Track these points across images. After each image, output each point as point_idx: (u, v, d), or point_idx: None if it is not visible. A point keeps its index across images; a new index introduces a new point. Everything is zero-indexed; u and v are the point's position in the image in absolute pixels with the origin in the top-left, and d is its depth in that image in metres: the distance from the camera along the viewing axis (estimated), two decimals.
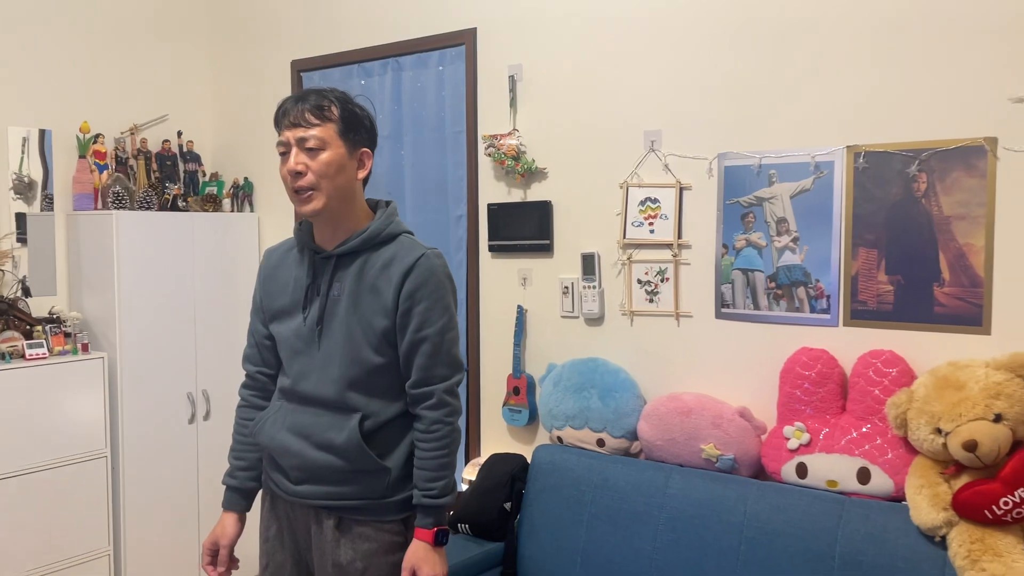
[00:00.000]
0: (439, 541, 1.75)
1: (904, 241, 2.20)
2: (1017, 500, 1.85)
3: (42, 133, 3.28)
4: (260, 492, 1.95)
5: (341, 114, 1.75)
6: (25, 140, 3.25)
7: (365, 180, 1.82)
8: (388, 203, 1.87)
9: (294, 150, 1.73)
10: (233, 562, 1.92)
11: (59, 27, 3.37)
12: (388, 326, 1.75)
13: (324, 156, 1.72)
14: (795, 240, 2.36)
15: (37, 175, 3.29)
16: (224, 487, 1.94)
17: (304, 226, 1.87)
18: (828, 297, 2.31)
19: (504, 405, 2.94)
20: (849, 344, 2.27)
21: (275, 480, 1.86)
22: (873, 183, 2.24)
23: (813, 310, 2.34)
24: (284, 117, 1.75)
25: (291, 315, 1.84)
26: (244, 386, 1.97)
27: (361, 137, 1.79)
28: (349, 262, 1.79)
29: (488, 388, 3.02)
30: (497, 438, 3.00)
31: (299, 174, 1.72)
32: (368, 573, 1.76)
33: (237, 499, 1.93)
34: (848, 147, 2.27)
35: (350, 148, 1.77)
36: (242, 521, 1.93)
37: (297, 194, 1.74)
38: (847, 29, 2.27)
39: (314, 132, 1.72)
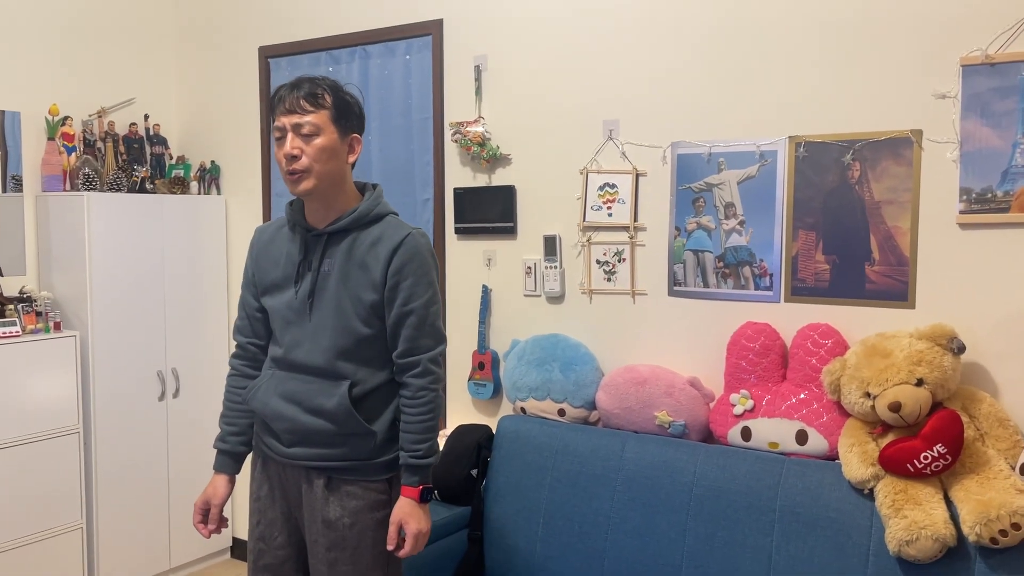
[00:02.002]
0: (424, 498, 1.91)
1: (839, 224, 2.40)
2: (935, 455, 2.07)
3: (2, 115, 3.31)
4: (251, 456, 2.08)
5: (334, 101, 1.88)
6: None
7: (354, 163, 1.96)
8: (375, 186, 2.01)
9: (290, 135, 1.85)
10: (222, 521, 2.05)
11: (29, 10, 3.40)
12: (376, 300, 1.89)
13: (318, 141, 1.85)
14: (741, 223, 2.55)
15: None
16: (215, 451, 2.06)
17: (296, 205, 1.99)
18: (771, 276, 2.51)
19: (469, 380, 3.10)
20: (789, 318, 2.48)
21: (267, 443, 1.99)
22: (812, 171, 2.44)
23: (757, 287, 2.54)
24: (280, 103, 1.87)
25: (283, 289, 1.96)
26: (235, 356, 2.10)
27: (352, 123, 1.93)
28: (339, 240, 1.93)
29: (454, 364, 3.17)
30: (463, 410, 3.15)
31: (294, 158, 1.85)
32: (355, 528, 1.90)
33: (228, 462, 2.06)
34: (790, 137, 2.47)
35: (342, 134, 1.90)
36: (232, 483, 2.06)
37: (291, 175, 1.87)
38: (790, 29, 2.47)
39: (309, 119, 1.84)
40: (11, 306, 3.15)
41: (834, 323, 2.40)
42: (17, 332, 3.10)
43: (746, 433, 2.44)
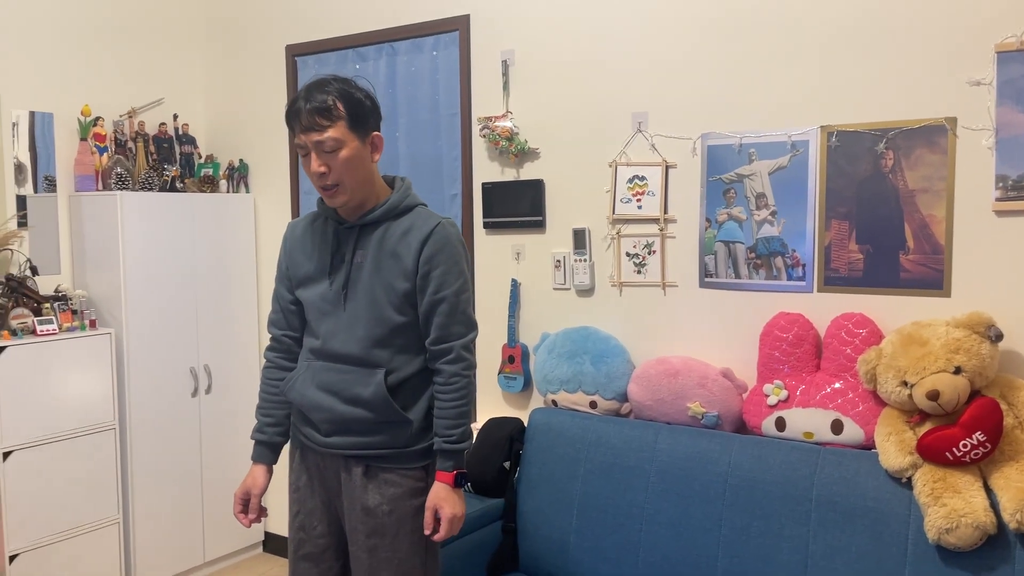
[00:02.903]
0: (458, 483, 1.93)
1: (873, 213, 2.40)
2: (975, 443, 2.06)
3: (32, 116, 3.36)
4: (288, 447, 2.11)
5: (347, 108, 1.87)
6: (15, 125, 3.33)
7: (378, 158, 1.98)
8: (403, 179, 2.03)
9: (313, 153, 1.87)
10: (262, 511, 2.08)
11: (60, 13, 3.44)
12: (409, 288, 1.92)
13: (342, 155, 1.87)
14: (773, 214, 2.55)
15: (26, 158, 3.35)
16: (253, 442, 2.09)
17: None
18: (803, 266, 2.51)
19: (499, 373, 3.11)
20: (823, 308, 2.47)
21: (305, 433, 2.02)
22: (844, 160, 2.43)
23: (790, 278, 2.53)
24: (296, 121, 1.88)
25: (317, 281, 1.99)
26: (269, 348, 2.13)
27: (369, 124, 1.94)
28: (371, 231, 1.95)
29: (484, 357, 3.17)
30: (493, 404, 3.17)
31: (323, 175, 1.87)
32: (393, 515, 1.93)
33: (266, 452, 2.09)
34: (822, 127, 2.46)
35: (362, 138, 1.91)
36: (270, 473, 2.09)
37: (325, 190, 1.90)
38: (822, 17, 2.46)
39: (328, 134, 1.85)
40: (47, 305, 3.20)
41: (868, 312, 2.39)
42: (54, 330, 3.15)
43: (780, 423, 2.44)
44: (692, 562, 2.39)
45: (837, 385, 2.38)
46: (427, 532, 1.93)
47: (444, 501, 1.91)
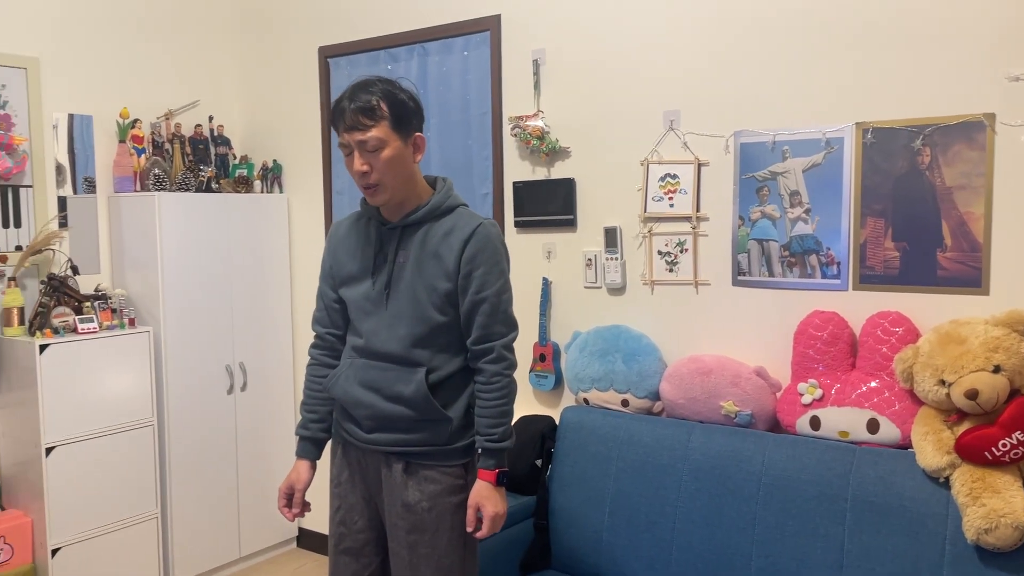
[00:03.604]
0: (500, 481, 1.95)
1: (909, 210, 2.37)
2: (1014, 442, 2.04)
3: (72, 119, 3.43)
4: (330, 443, 2.14)
5: (390, 108, 1.90)
6: (55, 127, 3.39)
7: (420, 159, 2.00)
8: (445, 179, 2.05)
9: (356, 152, 1.90)
10: (305, 505, 2.11)
11: (98, 18, 3.51)
12: (450, 288, 1.94)
13: (385, 154, 1.89)
14: (807, 211, 2.54)
15: (65, 160, 3.42)
16: (297, 437, 2.13)
17: None
18: (838, 264, 2.49)
19: (531, 371, 3.12)
20: (858, 306, 2.45)
21: (347, 429, 2.05)
22: (880, 157, 2.41)
23: (824, 276, 2.52)
24: (340, 120, 1.90)
25: (360, 280, 2.02)
26: (314, 346, 2.16)
27: (412, 124, 1.96)
28: (413, 232, 1.98)
29: (515, 355, 3.19)
30: (524, 402, 3.18)
31: (365, 174, 1.90)
32: (433, 512, 1.95)
33: (310, 448, 2.12)
34: (857, 124, 2.45)
35: (404, 138, 1.93)
36: (314, 468, 2.13)
37: (367, 189, 1.93)
38: (857, 12, 2.44)
39: (371, 134, 1.87)
40: (88, 303, 3.27)
41: (904, 311, 2.37)
42: (94, 328, 3.21)
43: (815, 422, 2.43)
44: (726, 561, 2.38)
45: (873, 384, 2.36)
46: (469, 530, 1.95)
47: (486, 500, 1.93)
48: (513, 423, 2.90)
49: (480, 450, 1.96)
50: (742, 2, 2.63)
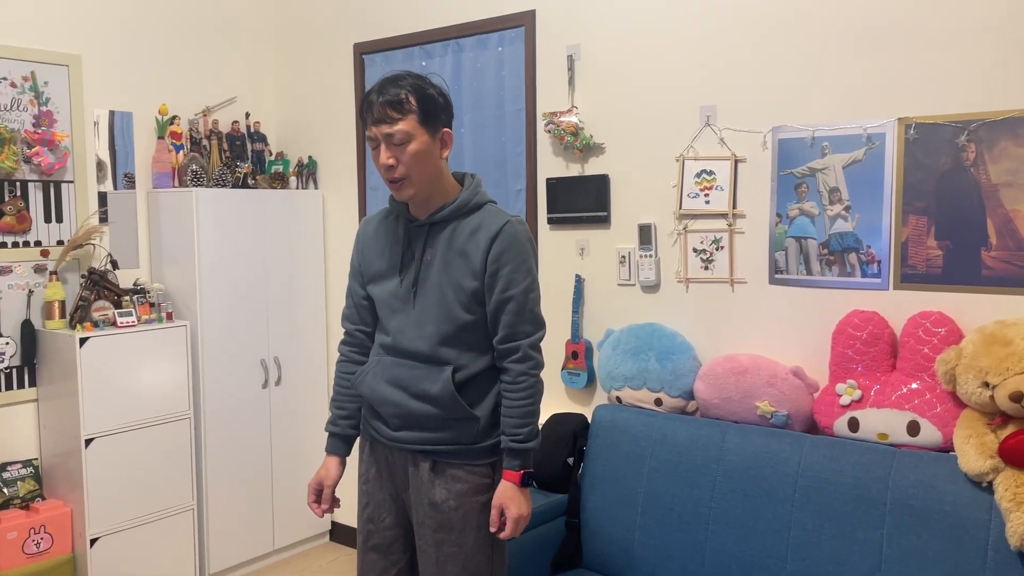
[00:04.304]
0: (525, 482, 1.93)
1: (953, 208, 2.31)
2: None
3: (112, 115, 3.48)
4: (359, 439, 2.14)
5: (419, 103, 1.89)
6: (96, 123, 3.45)
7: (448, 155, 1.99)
8: (473, 175, 2.04)
9: (383, 145, 1.89)
10: (335, 501, 2.12)
11: (140, 17, 3.56)
12: (477, 287, 1.92)
13: (411, 148, 1.88)
14: (847, 209, 2.48)
15: (106, 156, 3.47)
16: (327, 434, 2.14)
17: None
18: (879, 262, 2.44)
19: (563, 369, 3.11)
20: (899, 306, 2.40)
21: (375, 427, 2.05)
22: (923, 153, 2.35)
23: (864, 275, 2.47)
24: (368, 113, 1.90)
25: (388, 278, 2.02)
26: (343, 343, 2.16)
27: (440, 119, 1.94)
28: (440, 229, 1.97)
29: (547, 353, 3.15)
30: (556, 399, 3.16)
31: (391, 167, 1.89)
32: (460, 511, 1.94)
33: (339, 444, 2.13)
34: (899, 119, 2.39)
35: (432, 133, 1.92)
36: (343, 464, 2.13)
37: (392, 183, 1.92)
38: (900, 4, 2.38)
39: (398, 127, 1.87)
40: (127, 297, 3.32)
41: (947, 311, 2.31)
42: (133, 322, 3.26)
43: (853, 424, 2.38)
44: (760, 564, 2.35)
45: (914, 385, 2.31)
46: (492, 530, 1.94)
47: (510, 500, 1.92)
48: (544, 421, 2.93)
49: (505, 450, 1.94)
50: None
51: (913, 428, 2.28)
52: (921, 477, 2.17)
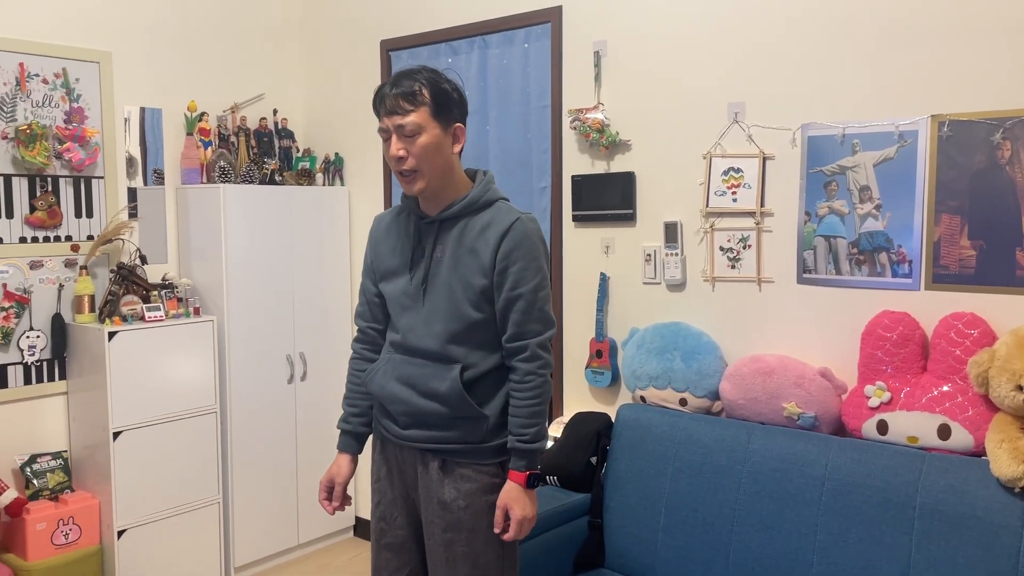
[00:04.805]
0: (531, 484, 1.91)
1: (987, 207, 2.26)
2: None
3: (143, 112, 3.51)
4: (371, 438, 2.14)
5: (432, 96, 1.88)
6: (127, 120, 3.49)
7: (460, 151, 1.98)
8: (485, 172, 2.03)
9: (394, 136, 1.89)
10: (346, 499, 2.12)
11: (169, 15, 3.59)
12: (486, 284, 1.91)
13: (421, 140, 1.87)
14: (878, 207, 2.44)
15: (137, 152, 3.51)
16: (339, 431, 2.14)
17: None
18: (910, 262, 2.39)
19: (587, 367, 3.09)
20: (930, 307, 2.35)
21: (385, 425, 2.04)
22: (957, 151, 2.30)
23: (895, 275, 2.42)
24: (381, 104, 1.90)
25: (399, 275, 2.01)
26: (356, 340, 2.16)
27: (453, 114, 1.93)
28: (451, 226, 1.95)
29: (571, 351, 3.17)
30: (580, 398, 3.15)
31: (401, 159, 1.88)
32: (469, 510, 1.93)
33: (350, 442, 2.13)
34: (932, 116, 2.34)
35: (444, 126, 1.91)
36: (355, 462, 2.13)
37: (402, 176, 1.91)
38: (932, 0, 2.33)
39: (410, 118, 1.86)
40: (155, 292, 3.35)
41: (980, 312, 2.26)
42: (161, 317, 3.29)
43: (882, 427, 2.34)
44: (785, 567, 2.31)
45: (945, 388, 2.26)
46: (496, 531, 1.91)
47: (515, 502, 1.90)
48: (568, 419, 2.92)
49: (511, 450, 1.92)
50: None
51: (944, 432, 2.24)
52: (952, 482, 2.13)
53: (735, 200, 2.72)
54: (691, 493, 2.52)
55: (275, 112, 3.92)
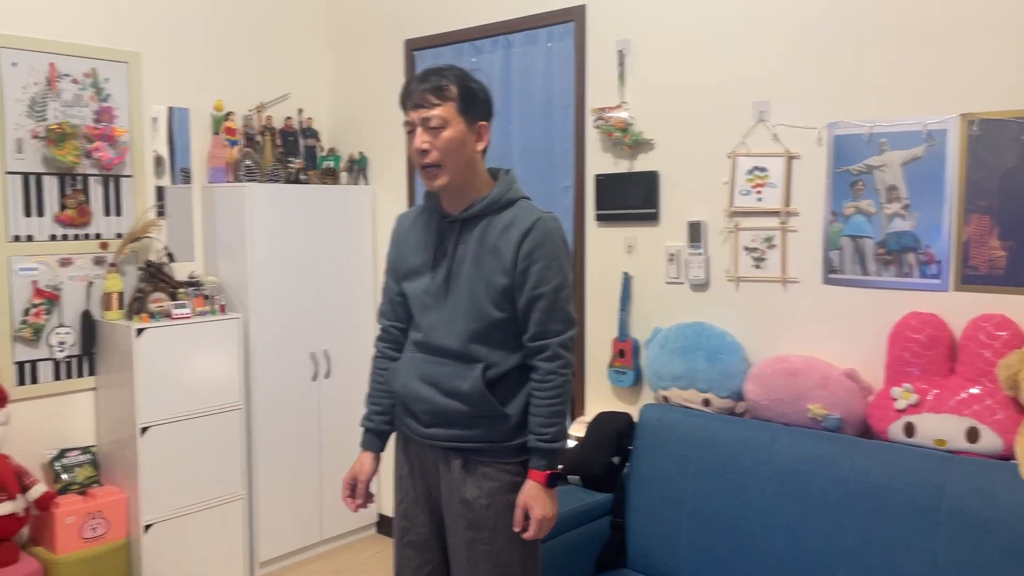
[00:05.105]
0: (551, 483, 1.91)
1: (1018, 207, 2.23)
2: None
3: (171, 111, 3.55)
4: (394, 436, 2.15)
5: (459, 92, 1.90)
6: (155, 120, 3.53)
7: (484, 150, 1.98)
8: (507, 171, 2.03)
9: (419, 130, 1.90)
10: (369, 496, 2.13)
11: (196, 16, 3.63)
12: (508, 284, 1.91)
13: (446, 134, 1.88)
14: (905, 207, 2.41)
15: (165, 151, 3.55)
16: (362, 429, 2.15)
17: (432, 193, 2.04)
18: (938, 263, 2.36)
19: (609, 367, 3.08)
20: (959, 308, 2.32)
21: (407, 424, 2.05)
22: (987, 150, 2.27)
23: (923, 275, 2.39)
24: (408, 98, 1.91)
25: (421, 274, 2.02)
26: (379, 339, 2.18)
27: (479, 112, 1.94)
28: (473, 225, 1.96)
29: (594, 351, 3.16)
30: (602, 398, 3.14)
31: (424, 152, 1.89)
32: (491, 509, 1.93)
33: (374, 440, 2.14)
34: (962, 115, 2.31)
35: (469, 123, 1.92)
36: (378, 460, 2.14)
37: (424, 170, 1.92)
38: None
39: (436, 112, 1.87)
40: (182, 290, 3.39)
41: (1010, 314, 2.23)
42: (188, 314, 3.33)
43: (909, 429, 2.31)
44: (809, 569, 2.30)
45: (974, 391, 2.23)
46: (516, 529, 1.92)
47: (534, 501, 1.90)
48: (590, 419, 2.92)
49: (531, 449, 1.92)
50: None
51: (972, 434, 2.21)
52: (980, 485, 2.10)
53: (760, 199, 2.70)
54: (714, 494, 2.51)
55: (300, 111, 3.95)
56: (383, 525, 4.02)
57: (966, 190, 2.30)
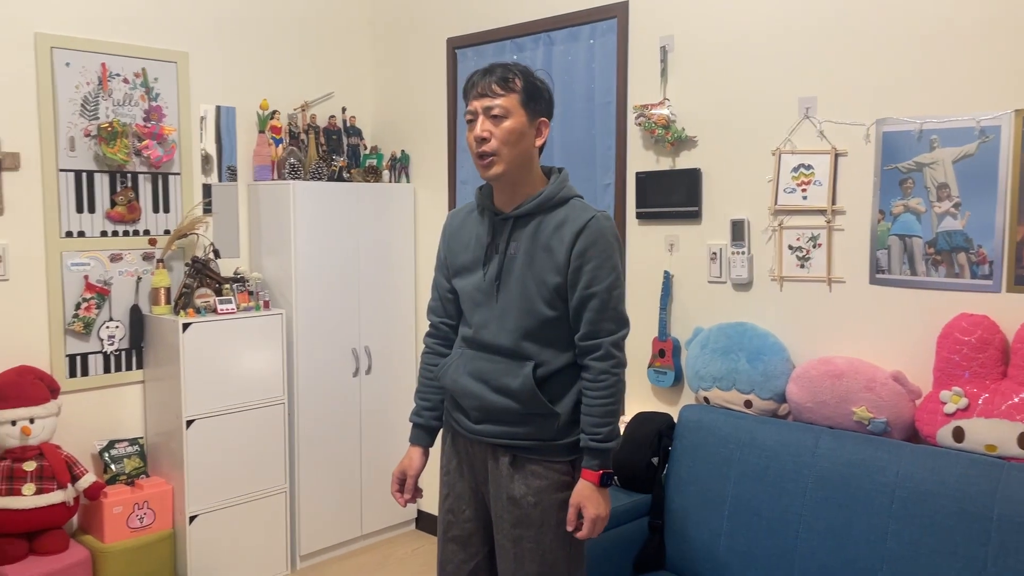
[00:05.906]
0: (604, 483, 1.90)
1: None
2: None
3: (218, 110, 3.61)
4: (442, 431, 2.16)
5: (524, 85, 1.91)
6: (203, 118, 3.59)
7: (541, 147, 1.97)
8: (560, 169, 2.02)
9: (480, 118, 1.90)
10: (417, 491, 2.14)
11: (243, 16, 3.69)
12: (560, 282, 1.90)
13: (507, 124, 1.88)
14: (956, 206, 2.34)
15: (212, 150, 3.62)
16: (411, 424, 2.16)
17: (485, 189, 2.04)
18: (991, 263, 2.29)
19: (649, 367, 3.05)
20: (1012, 310, 2.25)
21: (456, 419, 2.06)
22: None
23: (974, 276, 2.32)
24: (472, 88, 1.92)
25: (472, 271, 2.02)
26: (428, 335, 2.19)
27: (541, 107, 1.95)
28: (525, 223, 1.95)
29: (634, 350, 3.12)
30: (642, 398, 3.11)
31: (484, 140, 1.89)
32: (539, 507, 1.93)
33: (422, 435, 2.15)
34: (1016, 111, 2.24)
35: (530, 117, 1.92)
36: (426, 455, 2.15)
37: (481, 159, 1.91)
38: None
39: (499, 101, 1.88)
40: (227, 285, 3.45)
41: None
42: (232, 310, 3.39)
43: (958, 434, 2.25)
44: (853, 575, 2.24)
45: None
46: (570, 529, 1.91)
47: (588, 500, 1.89)
48: (629, 419, 2.89)
49: (584, 449, 1.91)
50: None
51: None
52: None
53: (805, 198, 2.65)
54: (755, 497, 2.47)
55: (344, 110, 3.99)
56: (422, 521, 4.04)
57: (1020, 188, 2.23)
